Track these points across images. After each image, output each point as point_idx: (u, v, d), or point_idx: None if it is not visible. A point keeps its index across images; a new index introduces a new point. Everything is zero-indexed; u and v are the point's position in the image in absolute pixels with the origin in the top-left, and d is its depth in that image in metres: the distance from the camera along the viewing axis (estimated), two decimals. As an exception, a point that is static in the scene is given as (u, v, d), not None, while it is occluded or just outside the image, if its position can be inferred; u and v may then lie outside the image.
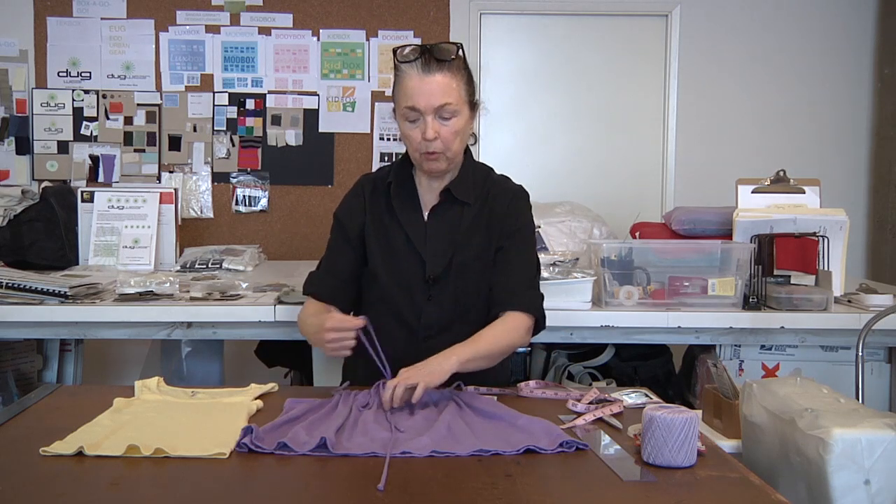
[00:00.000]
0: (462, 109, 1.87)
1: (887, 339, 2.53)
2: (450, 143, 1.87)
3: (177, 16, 4.51)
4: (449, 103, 1.83)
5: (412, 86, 1.83)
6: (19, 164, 4.50)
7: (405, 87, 1.85)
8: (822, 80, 4.68)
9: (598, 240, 3.05)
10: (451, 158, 1.91)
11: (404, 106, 1.86)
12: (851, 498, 1.48)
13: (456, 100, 1.85)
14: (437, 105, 1.83)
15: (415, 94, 1.83)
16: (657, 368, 2.87)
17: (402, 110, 1.87)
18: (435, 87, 1.82)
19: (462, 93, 1.87)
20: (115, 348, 4.23)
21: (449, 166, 1.93)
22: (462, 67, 1.89)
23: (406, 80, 1.85)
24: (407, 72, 1.85)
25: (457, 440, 1.49)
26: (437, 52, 1.83)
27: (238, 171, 4.55)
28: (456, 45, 1.87)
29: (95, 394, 1.80)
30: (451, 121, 1.86)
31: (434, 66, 1.83)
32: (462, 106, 1.87)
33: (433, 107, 1.83)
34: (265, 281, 2.87)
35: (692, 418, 1.39)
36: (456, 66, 1.86)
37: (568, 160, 4.67)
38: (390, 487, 1.28)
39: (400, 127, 1.91)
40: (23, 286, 2.46)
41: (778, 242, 2.56)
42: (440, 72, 1.83)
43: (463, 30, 4.53)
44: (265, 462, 1.40)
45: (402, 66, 1.85)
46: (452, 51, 1.85)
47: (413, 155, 1.93)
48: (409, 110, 1.85)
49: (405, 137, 1.90)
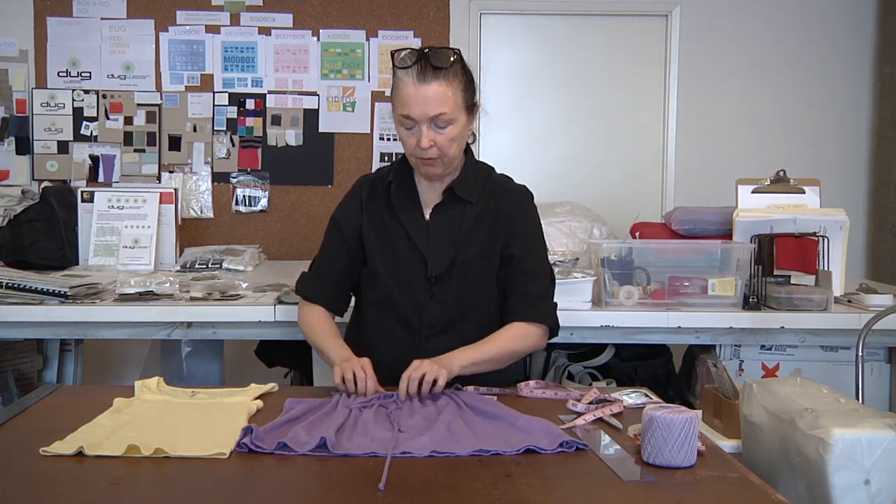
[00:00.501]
0: (458, 117, 1.87)
1: (887, 339, 2.53)
2: (446, 149, 1.87)
3: (177, 16, 4.51)
4: (444, 113, 1.83)
5: (408, 94, 1.83)
6: (19, 164, 4.50)
7: (401, 94, 1.85)
8: (822, 80, 4.68)
9: (598, 240, 3.05)
10: (447, 164, 1.91)
11: (400, 114, 1.87)
12: (851, 498, 1.48)
13: (451, 109, 1.84)
14: (432, 115, 1.83)
15: (410, 102, 1.83)
16: (657, 368, 2.87)
17: (399, 117, 1.88)
18: (430, 97, 1.82)
19: (459, 100, 1.86)
20: (115, 348, 4.23)
21: (446, 170, 1.94)
22: (459, 72, 1.88)
23: (402, 86, 1.85)
24: (403, 78, 1.84)
25: (457, 440, 1.49)
26: (434, 59, 1.82)
27: (238, 171, 4.55)
28: (453, 50, 1.86)
29: (95, 394, 1.80)
30: (447, 129, 1.85)
31: (430, 75, 1.82)
32: (458, 113, 1.87)
33: (428, 116, 1.83)
34: (265, 281, 2.87)
35: (692, 418, 1.39)
36: (453, 73, 1.85)
37: (568, 160, 4.67)
38: (390, 488, 1.28)
39: (397, 131, 1.92)
40: (23, 286, 2.46)
41: (778, 242, 2.56)
42: (436, 80, 1.82)
43: (463, 30, 4.53)
44: (265, 462, 1.40)
45: (399, 71, 1.85)
46: (449, 56, 1.84)
47: (410, 159, 1.95)
48: (404, 118, 1.86)
49: (402, 142, 1.91)
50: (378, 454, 1.42)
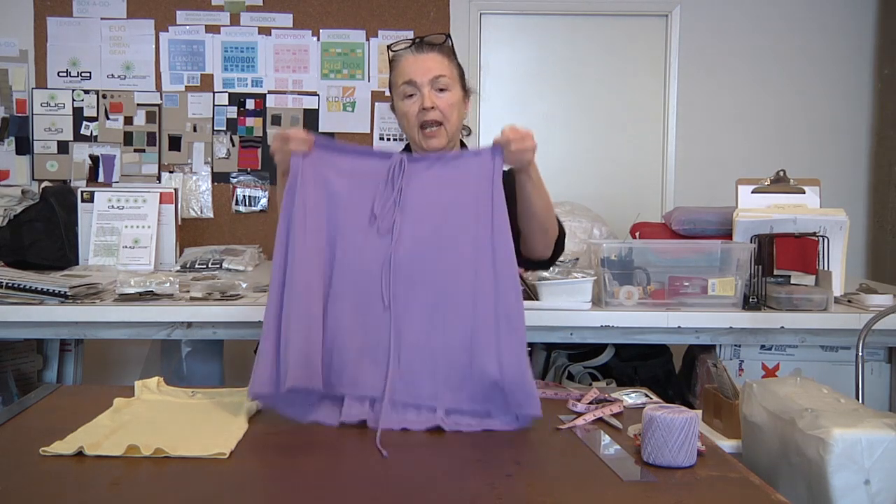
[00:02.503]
0: (456, 87, 1.97)
1: (887, 339, 2.53)
2: (448, 113, 1.95)
3: (177, 16, 4.51)
4: (443, 75, 1.94)
5: (408, 63, 1.96)
6: (19, 164, 4.50)
7: (401, 67, 1.97)
8: (822, 80, 4.68)
9: (598, 240, 3.05)
10: (450, 133, 1.96)
11: (402, 82, 1.96)
12: (851, 498, 1.48)
13: (449, 74, 1.96)
14: (433, 76, 1.93)
15: (411, 69, 1.95)
16: (657, 368, 2.87)
17: (400, 88, 1.96)
18: (430, 63, 1.95)
19: (454, 73, 1.98)
20: (115, 348, 4.23)
21: (447, 142, 1.97)
22: (452, 54, 2.01)
23: (402, 61, 1.98)
24: (402, 55, 1.98)
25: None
26: (428, 39, 1.99)
27: (238, 171, 4.55)
28: (444, 34, 2.01)
29: (95, 394, 1.80)
30: (446, 93, 1.95)
31: (426, 48, 1.97)
32: (455, 84, 1.98)
33: (429, 78, 1.93)
34: (265, 281, 2.86)
35: (692, 418, 1.39)
36: (447, 51, 1.99)
37: (568, 160, 4.67)
38: (390, 488, 1.28)
39: (398, 109, 1.99)
40: (23, 286, 2.47)
41: (778, 242, 2.56)
42: (432, 51, 1.97)
43: (463, 30, 4.53)
44: (265, 462, 1.41)
45: (397, 53, 1.99)
46: (442, 37, 2.00)
47: (412, 134, 1.98)
48: (406, 85, 1.95)
49: (404, 117, 1.97)
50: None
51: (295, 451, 1.47)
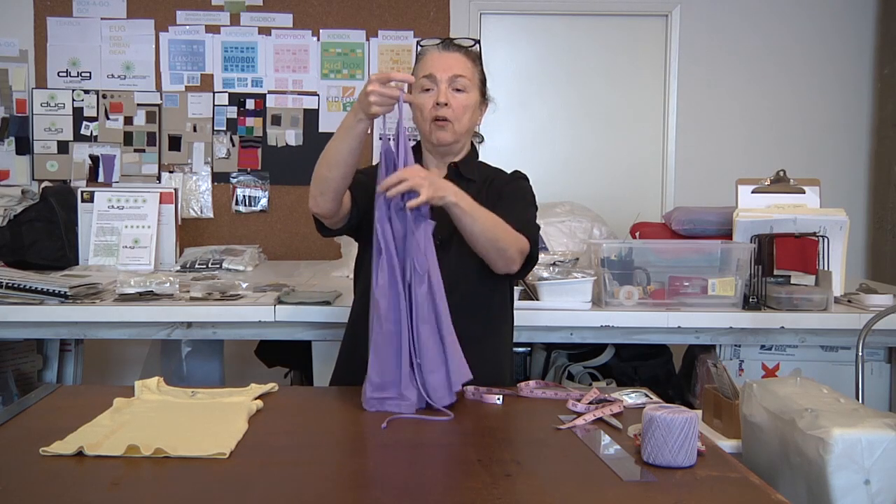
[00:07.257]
0: (474, 91, 1.99)
1: (887, 339, 2.54)
2: (459, 114, 1.97)
3: (177, 16, 4.51)
4: (463, 75, 1.96)
5: (431, 59, 1.98)
6: (19, 164, 4.50)
7: (424, 61, 1.99)
8: (821, 80, 4.68)
9: (598, 240, 3.05)
10: (458, 132, 1.98)
11: (422, 76, 1.97)
12: (851, 498, 1.48)
13: (469, 76, 1.98)
14: (452, 74, 1.95)
15: (433, 64, 1.97)
16: (657, 368, 2.87)
17: (420, 81, 1.97)
18: (452, 61, 1.97)
19: (476, 77, 2.00)
20: (115, 348, 4.23)
21: (455, 141, 2.00)
22: (477, 60, 2.03)
23: (426, 56, 2.00)
24: (429, 50, 2.00)
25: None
26: (457, 41, 2.02)
27: (238, 171, 4.55)
28: (474, 39, 2.05)
29: (95, 394, 1.80)
30: (463, 94, 1.97)
31: (452, 48, 2.00)
32: (474, 88, 1.99)
33: (448, 75, 1.95)
34: (265, 281, 2.87)
35: (692, 418, 1.39)
36: (473, 55, 2.01)
37: (568, 160, 4.67)
38: (389, 488, 1.28)
39: (415, 102, 1.98)
40: (23, 286, 2.47)
41: (778, 242, 2.56)
42: (458, 52, 1.99)
43: (463, 30, 4.53)
44: (265, 462, 1.40)
45: (424, 48, 2.02)
46: (470, 42, 2.03)
47: (423, 126, 2.00)
48: (425, 79, 1.96)
49: (418, 109, 1.98)
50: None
51: (295, 451, 1.47)
